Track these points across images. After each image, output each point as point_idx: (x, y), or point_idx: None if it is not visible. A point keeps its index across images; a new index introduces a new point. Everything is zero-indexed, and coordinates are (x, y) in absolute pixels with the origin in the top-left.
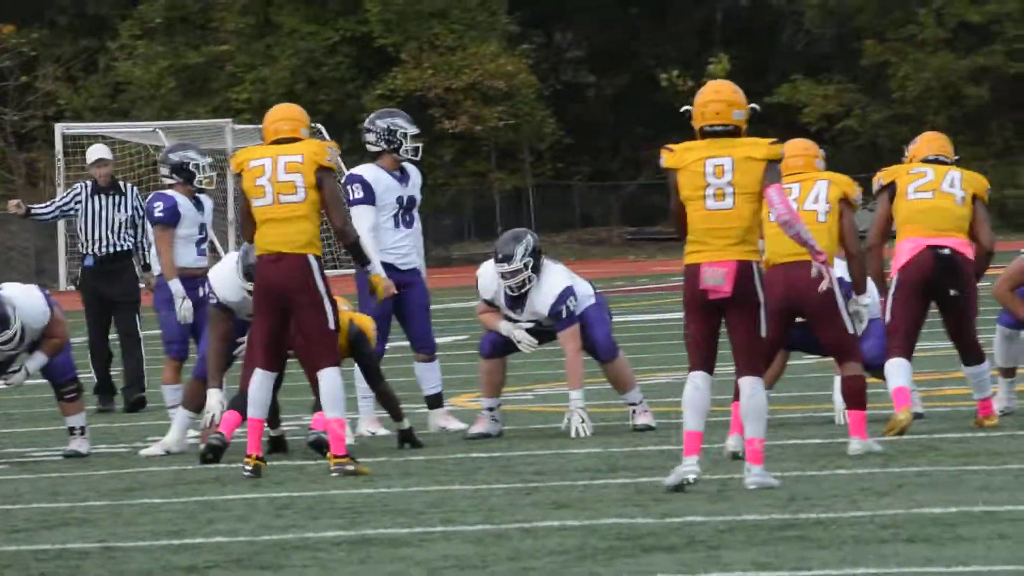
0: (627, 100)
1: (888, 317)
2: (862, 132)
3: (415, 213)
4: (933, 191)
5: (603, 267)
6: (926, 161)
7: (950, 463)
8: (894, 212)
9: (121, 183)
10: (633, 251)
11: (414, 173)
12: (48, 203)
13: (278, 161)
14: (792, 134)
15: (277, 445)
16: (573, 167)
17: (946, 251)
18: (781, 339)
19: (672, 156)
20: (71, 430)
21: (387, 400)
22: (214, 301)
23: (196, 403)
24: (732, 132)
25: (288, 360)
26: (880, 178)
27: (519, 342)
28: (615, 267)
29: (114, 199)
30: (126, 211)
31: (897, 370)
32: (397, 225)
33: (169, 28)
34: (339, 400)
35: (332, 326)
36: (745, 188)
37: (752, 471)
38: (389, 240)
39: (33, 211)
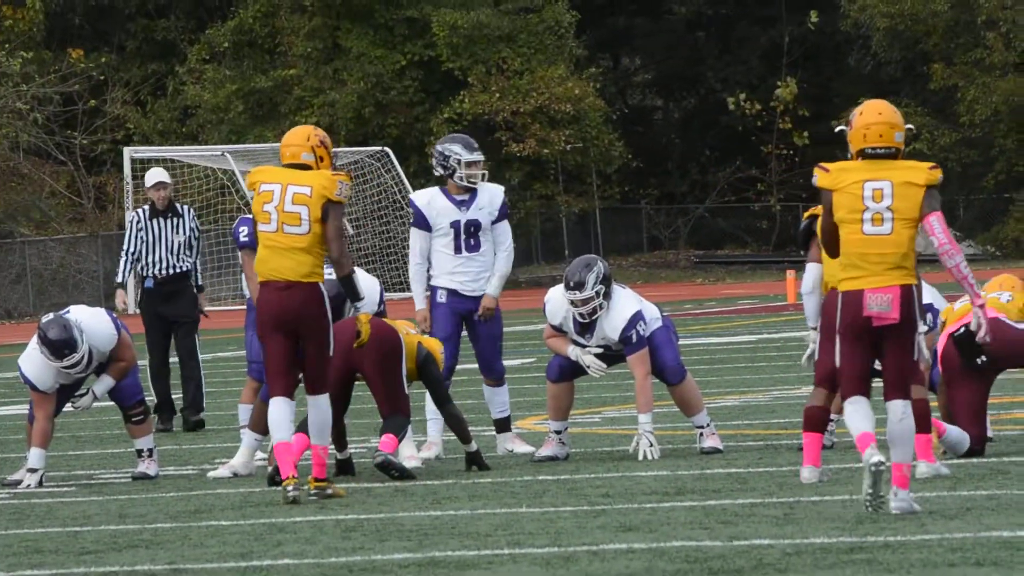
0: (694, 123)
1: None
2: (930, 156)
3: (481, 237)
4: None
5: (671, 290)
6: None
7: (1019, 486)
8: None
9: (177, 205)
10: (701, 274)
11: (484, 196)
12: (122, 259)
13: (287, 190)
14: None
15: (344, 468)
16: (640, 190)
17: (960, 331)
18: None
19: (827, 176)
20: (139, 452)
21: (455, 422)
22: None
23: (263, 425)
24: (892, 155)
25: (356, 382)
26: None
27: (588, 367)
28: (683, 290)
29: (172, 221)
30: (183, 232)
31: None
32: (458, 250)
33: (237, 52)
34: (327, 427)
35: (330, 354)
36: (904, 214)
37: (899, 495)
38: (448, 265)
39: (125, 279)
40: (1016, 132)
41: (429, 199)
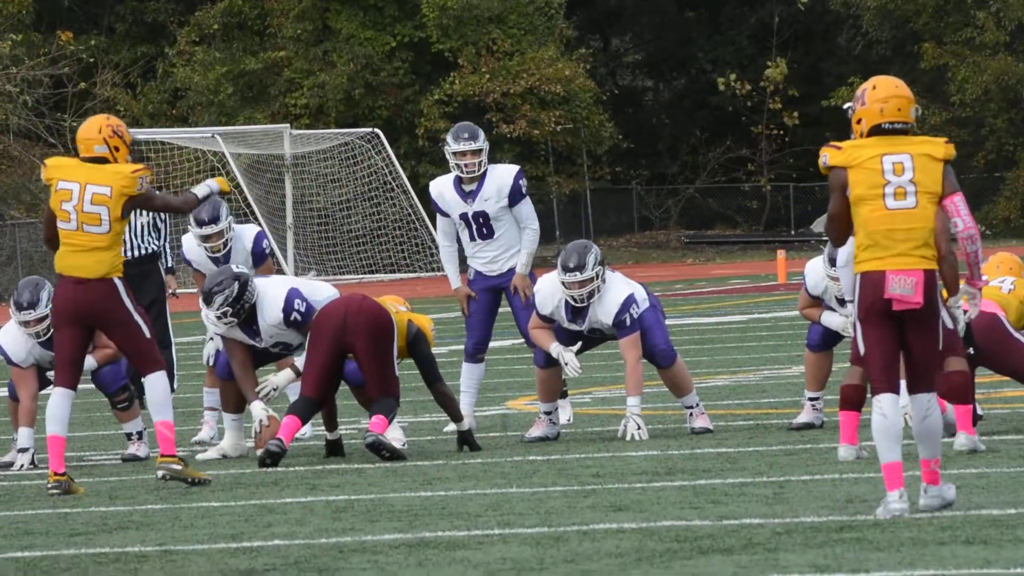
0: (684, 104)
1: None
2: (921, 135)
3: (494, 224)
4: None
5: (661, 271)
6: None
7: (1008, 465)
8: None
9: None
10: (691, 255)
11: (491, 185)
12: None
13: (86, 190)
14: (847, 137)
15: (334, 449)
16: (631, 171)
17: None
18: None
19: (840, 154)
20: (128, 435)
21: (445, 400)
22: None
23: (237, 403)
24: (907, 131)
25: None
26: None
27: (566, 364)
28: (673, 271)
29: None
30: (147, 214)
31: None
32: (472, 238)
33: (227, 34)
34: (166, 402)
35: (148, 335)
36: (927, 188)
37: (929, 491)
38: (469, 250)
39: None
40: (1006, 111)
41: (440, 190)
